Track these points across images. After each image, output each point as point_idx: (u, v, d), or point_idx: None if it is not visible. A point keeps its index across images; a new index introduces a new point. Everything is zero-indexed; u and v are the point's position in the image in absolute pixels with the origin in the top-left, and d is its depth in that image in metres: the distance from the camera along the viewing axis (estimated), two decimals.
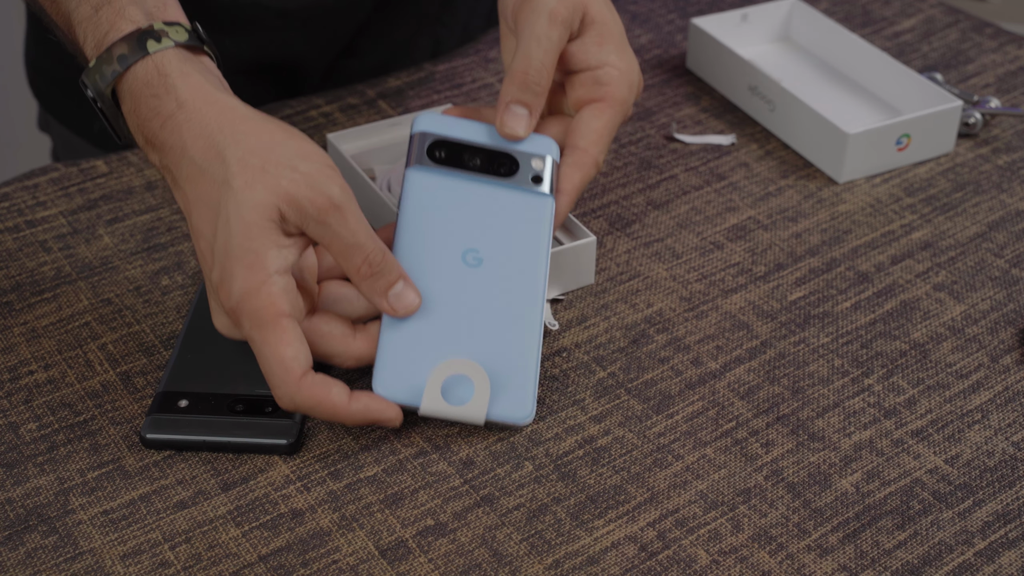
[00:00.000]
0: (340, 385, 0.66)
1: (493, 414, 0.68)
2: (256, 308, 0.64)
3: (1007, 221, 0.86)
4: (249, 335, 0.65)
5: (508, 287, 0.71)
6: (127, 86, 0.68)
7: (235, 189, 0.64)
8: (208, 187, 0.66)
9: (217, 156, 0.65)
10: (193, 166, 0.66)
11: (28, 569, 0.62)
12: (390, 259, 0.67)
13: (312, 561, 0.63)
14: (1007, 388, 0.74)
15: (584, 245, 0.78)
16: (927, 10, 1.10)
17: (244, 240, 0.64)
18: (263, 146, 0.66)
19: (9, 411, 0.71)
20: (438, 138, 0.75)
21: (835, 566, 0.63)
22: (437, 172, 0.74)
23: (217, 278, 0.65)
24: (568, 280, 0.79)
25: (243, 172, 0.65)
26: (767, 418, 0.71)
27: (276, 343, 0.64)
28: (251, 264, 0.64)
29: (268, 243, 0.64)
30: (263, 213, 0.64)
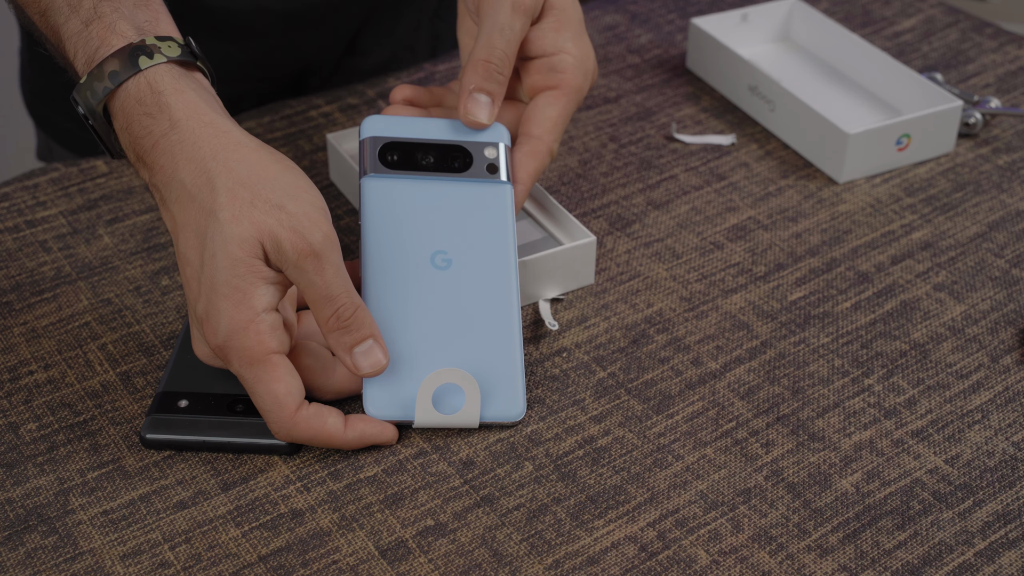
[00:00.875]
0: (335, 414, 0.67)
1: (486, 416, 0.69)
2: (245, 347, 0.64)
3: (1007, 221, 0.86)
4: (239, 372, 0.65)
5: (481, 285, 0.71)
6: (119, 103, 0.67)
7: (222, 221, 0.63)
8: (196, 214, 0.64)
9: (207, 183, 0.64)
10: (183, 190, 0.65)
11: (28, 569, 0.62)
12: (362, 316, 0.66)
13: (312, 561, 0.63)
14: (1007, 388, 0.74)
15: (584, 245, 0.78)
16: (927, 10, 1.10)
17: (231, 276, 0.63)
18: (254, 178, 0.64)
19: (9, 411, 0.71)
20: (388, 141, 0.75)
21: (835, 566, 0.63)
22: (392, 177, 0.74)
23: (203, 312, 0.64)
24: (568, 280, 0.79)
25: (231, 204, 0.63)
26: (767, 418, 0.71)
27: (269, 381, 0.64)
28: (238, 302, 0.63)
29: (255, 280, 0.64)
30: (248, 249, 0.63)
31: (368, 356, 0.66)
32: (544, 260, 0.77)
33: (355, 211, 0.86)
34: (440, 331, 0.70)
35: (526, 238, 0.81)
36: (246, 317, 0.63)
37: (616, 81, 1.00)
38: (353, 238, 0.83)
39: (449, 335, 0.70)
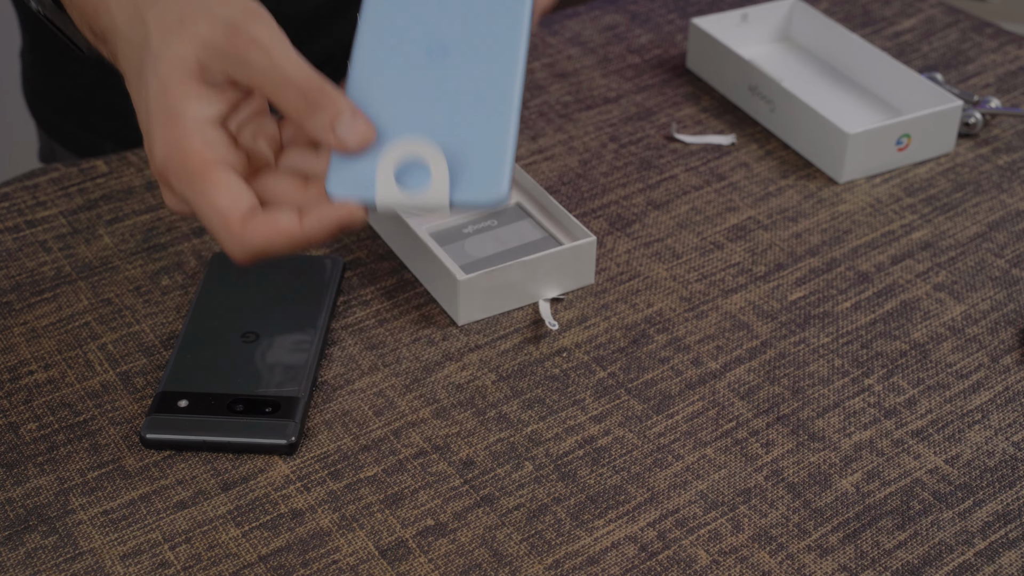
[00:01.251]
0: (287, 210, 0.60)
1: (460, 197, 0.59)
2: (180, 163, 0.59)
3: (1007, 221, 0.86)
4: (182, 195, 0.59)
5: (478, 72, 0.63)
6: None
7: (153, 49, 0.59)
8: (135, 56, 0.61)
9: (139, 20, 0.61)
10: (123, 40, 0.61)
11: (28, 569, 0.62)
12: (330, 90, 0.59)
13: (312, 561, 0.63)
14: (1007, 388, 0.74)
15: (584, 245, 0.78)
16: (927, 10, 1.10)
17: (161, 98, 0.59)
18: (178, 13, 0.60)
19: (9, 411, 0.71)
20: None
21: (835, 566, 0.63)
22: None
23: (145, 144, 0.61)
24: (568, 280, 0.79)
25: (159, 29, 0.59)
26: (767, 418, 0.71)
27: (209, 193, 0.58)
28: (168, 120, 0.59)
29: (186, 95, 0.59)
30: (180, 66, 0.59)
31: (352, 128, 0.59)
32: (544, 260, 0.77)
33: None
34: (421, 110, 0.62)
35: (526, 238, 0.81)
36: (177, 133, 0.59)
37: (616, 81, 1.00)
38: (345, 243, 0.83)
39: (431, 113, 0.61)
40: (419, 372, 0.74)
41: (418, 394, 0.72)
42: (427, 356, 0.75)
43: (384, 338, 0.76)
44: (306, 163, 0.62)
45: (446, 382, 0.73)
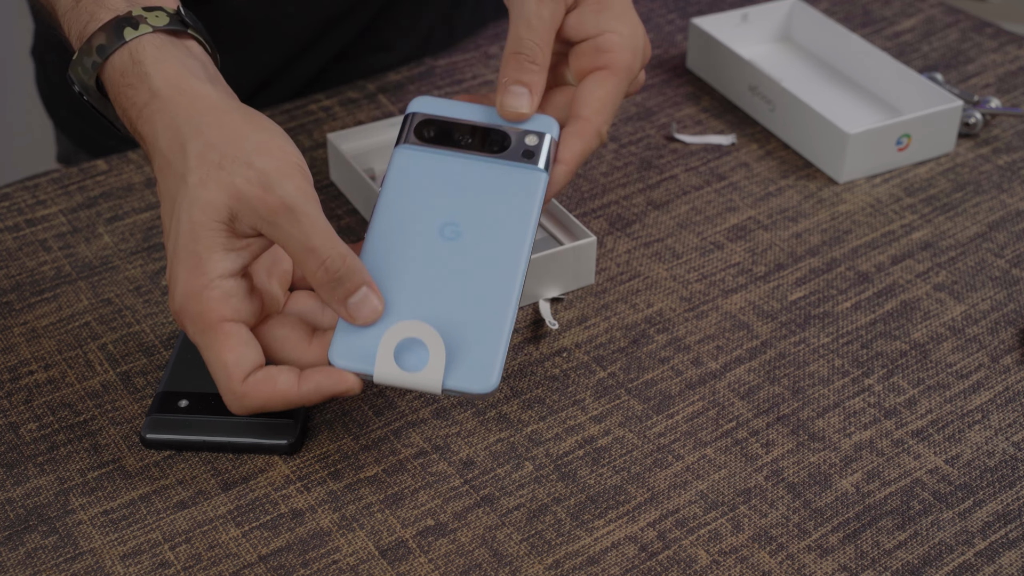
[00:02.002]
0: (286, 371, 0.63)
1: (452, 383, 0.63)
2: (197, 312, 0.62)
3: (1007, 221, 0.86)
4: (194, 339, 0.63)
5: (485, 258, 0.66)
6: (107, 77, 0.67)
7: (190, 186, 0.62)
8: (171, 181, 0.64)
9: (180, 149, 0.63)
10: (162, 158, 0.64)
11: (28, 569, 0.62)
12: (352, 264, 0.63)
13: (312, 561, 0.63)
14: (1007, 388, 0.74)
15: (584, 245, 0.78)
16: (927, 10, 1.10)
17: (189, 242, 0.62)
18: (224, 140, 0.63)
19: (9, 411, 0.71)
20: (429, 117, 0.72)
21: (835, 566, 0.63)
22: (425, 150, 0.70)
23: (167, 278, 0.64)
24: (568, 280, 0.79)
25: (200, 167, 0.62)
26: (767, 418, 0.71)
27: (219, 349, 0.62)
28: (193, 267, 0.62)
29: (214, 246, 0.62)
30: (212, 214, 0.62)
31: (363, 305, 0.63)
32: (544, 260, 0.77)
33: (355, 211, 0.86)
34: (427, 293, 0.65)
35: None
36: (200, 283, 0.62)
37: None
38: (353, 238, 0.83)
39: (435, 298, 0.65)
40: None
41: (418, 394, 0.72)
42: None
43: None
44: (312, 315, 0.66)
45: None
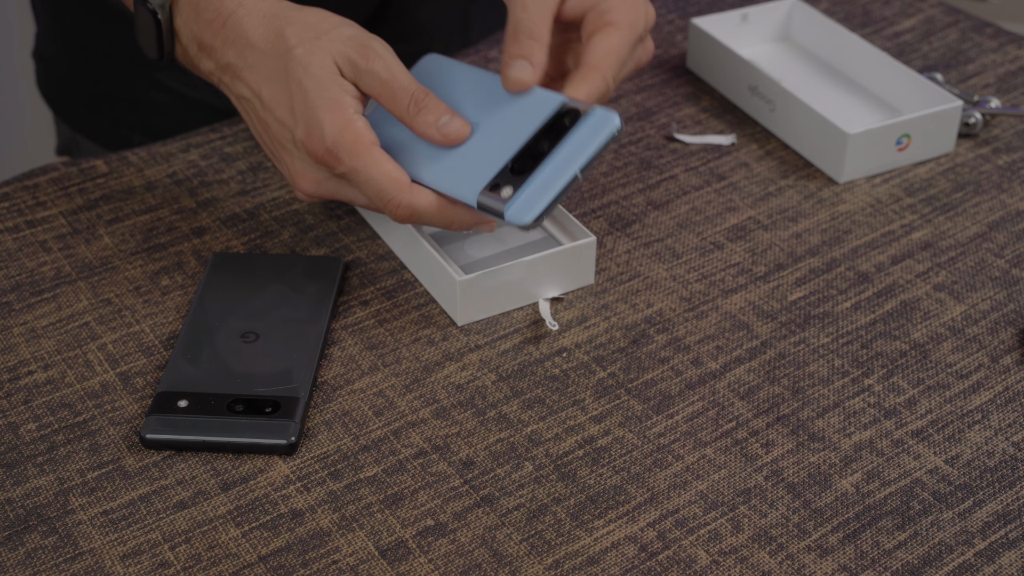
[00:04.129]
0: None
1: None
2: (352, 140, 0.71)
3: (1007, 221, 0.86)
4: (351, 167, 0.71)
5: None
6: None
7: (298, 56, 0.72)
8: (275, 63, 0.73)
9: (278, 36, 0.73)
10: (257, 52, 0.74)
11: (28, 569, 0.62)
12: (434, 97, 0.73)
13: (312, 561, 0.63)
14: (1007, 388, 0.74)
15: (584, 245, 0.78)
16: (927, 10, 1.10)
17: (322, 91, 0.72)
18: (314, 21, 0.74)
19: (9, 411, 0.71)
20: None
21: (835, 566, 0.63)
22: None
23: (304, 132, 0.72)
24: (568, 280, 0.79)
25: (301, 43, 0.73)
26: (767, 418, 0.71)
27: (380, 162, 0.71)
28: (334, 107, 0.71)
29: (344, 91, 0.72)
30: (328, 68, 0.72)
31: (451, 126, 0.73)
32: (544, 260, 0.77)
33: (354, 211, 0.86)
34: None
35: (526, 238, 0.81)
36: (346, 116, 0.71)
37: None
38: (354, 238, 0.83)
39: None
40: (419, 372, 0.74)
41: (418, 394, 0.72)
42: (427, 356, 0.75)
43: (384, 338, 0.76)
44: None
45: (446, 382, 0.73)
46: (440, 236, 0.81)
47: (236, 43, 0.74)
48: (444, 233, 0.81)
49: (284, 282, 0.78)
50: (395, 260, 0.82)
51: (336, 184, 0.74)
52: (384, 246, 0.83)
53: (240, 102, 0.77)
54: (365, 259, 0.82)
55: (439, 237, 0.81)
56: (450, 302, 0.76)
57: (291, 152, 0.74)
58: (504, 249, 0.80)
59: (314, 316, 0.75)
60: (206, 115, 1.01)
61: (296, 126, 0.73)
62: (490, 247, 0.80)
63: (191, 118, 1.02)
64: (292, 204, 0.86)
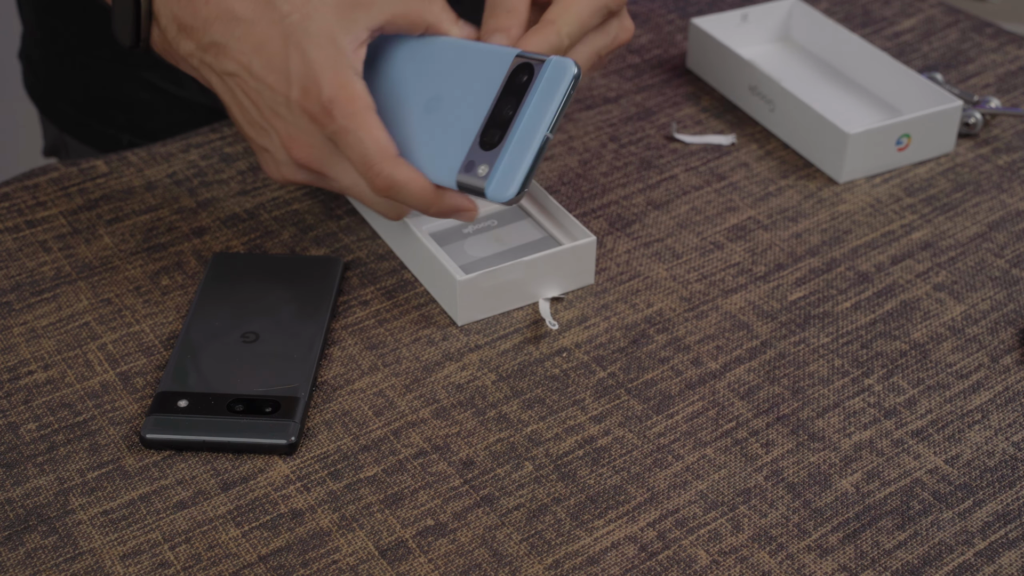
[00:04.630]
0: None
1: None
2: (348, 97, 0.69)
3: (1007, 221, 0.86)
4: (343, 125, 0.69)
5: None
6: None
7: (295, 22, 0.70)
8: (265, 30, 0.71)
9: (267, 5, 0.71)
10: (244, 24, 0.72)
11: (28, 569, 0.62)
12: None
13: (312, 561, 0.63)
14: (1007, 388, 0.74)
15: (584, 245, 0.78)
16: (927, 10, 1.10)
17: (320, 50, 0.70)
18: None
19: (9, 411, 0.71)
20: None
21: (835, 566, 0.63)
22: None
23: (299, 91, 0.70)
24: (568, 280, 0.79)
25: (294, 9, 0.71)
26: (767, 418, 0.71)
27: (371, 126, 0.69)
28: (334, 65, 0.70)
29: (340, 51, 0.70)
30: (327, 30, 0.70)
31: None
32: (544, 260, 0.77)
33: (354, 211, 0.86)
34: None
35: (526, 238, 0.81)
36: (347, 75, 0.70)
37: (616, 81, 1.00)
38: (354, 237, 0.83)
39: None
40: (419, 372, 0.74)
41: (418, 394, 0.72)
42: (427, 356, 0.75)
43: (384, 338, 0.76)
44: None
45: (446, 382, 0.73)
46: (440, 236, 0.81)
47: (221, 18, 0.72)
48: (444, 233, 0.81)
49: (284, 282, 0.78)
50: (395, 260, 0.82)
51: (328, 153, 0.72)
52: (384, 246, 0.83)
53: (224, 80, 0.74)
54: (365, 259, 0.82)
55: (439, 237, 0.81)
56: (450, 302, 0.76)
57: (284, 117, 0.72)
58: (504, 249, 0.80)
59: (314, 316, 0.75)
60: (195, 114, 1.01)
61: (291, 87, 0.71)
62: (490, 247, 0.80)
63: (180, 118, 1.02)
64: (292, 204, 0.86)
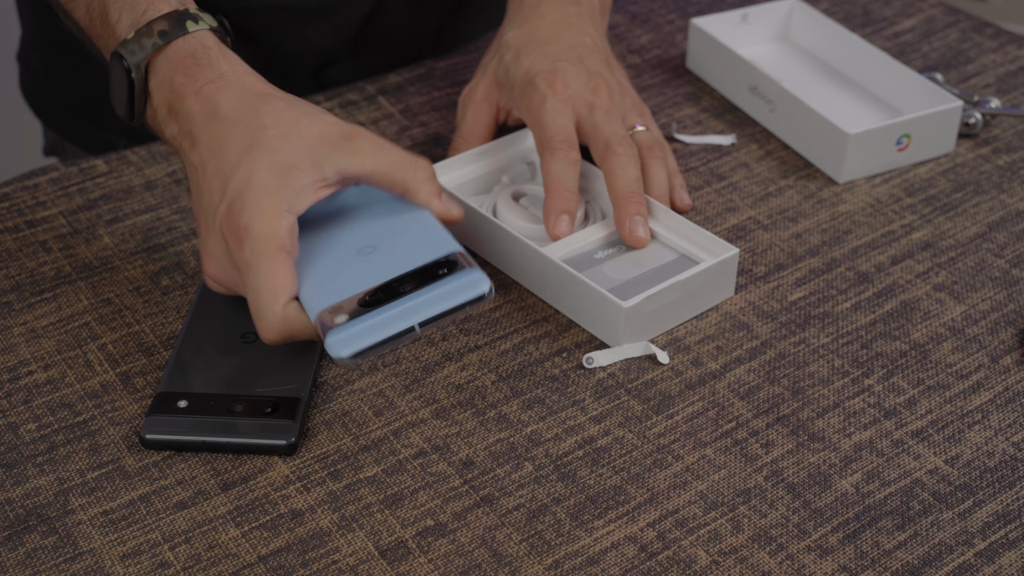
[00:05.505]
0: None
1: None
2: (264, 233, 0.67)
3: (1007, 221, 0.86)
4: (247, 259, 0.67)
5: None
6: (164, 58, 0.73)
7: (270, 137, 0.69)
8: (236, 135, 0.69)
9: (252, 110, 0.70)
10: (221, 122, 0.70)
11: (28, 569, 0.62)
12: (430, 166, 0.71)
13: (312, 561, 0.63)
14: (1007, 388, 0.74)
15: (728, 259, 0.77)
16: (927, 10, 1.10)
17: (276, 174, 0.68)
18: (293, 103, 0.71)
19: (9, 411, 0.71)
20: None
21: (835, 567, 0.63)
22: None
23: (225, 209, 0.68)
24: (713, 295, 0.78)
25: (278, 124, 0.69)
26: (767, 418, 0.71)
27: (275, 270, 0.67)
28: (273, 194, 0.67)
29: (298, 181, 0.68)
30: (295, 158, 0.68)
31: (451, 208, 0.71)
32: (696, 278, 0.75)
33: None
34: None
35: (663, 258, 0.79)
36: (277, 208, 0.67)
37: None
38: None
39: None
40: (419, 372, 0.74)
41: (418, 394, 0.72)
42: (427, 356, 0.75)
43: None
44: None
45: (446, 382, 0.73)
46: (573, 263, 0.78)
47: (203, 111, 0.71)
48: (576, 259, 0.79)
49: None
50: None
51: (236, 278, 0.70)
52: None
53: (191, 172, 0.72)
54: None
55: (573, 264, 0.78)
56: (608, 328, 0.75)
57: (209, 228, 0.70)
58: (644, 271, 0.78)
59: None
60: None
61: (222, 201, 0.68)
62: (630, 270, 0.78)
63: None
64: None
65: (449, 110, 0.96)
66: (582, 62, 0.85)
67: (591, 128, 0.82)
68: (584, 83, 0.84)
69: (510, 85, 0.86)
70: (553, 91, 0.83)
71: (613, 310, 0.74)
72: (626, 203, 0.80)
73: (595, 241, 0.80)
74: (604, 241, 0.80)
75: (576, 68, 0.84)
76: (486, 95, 0.88)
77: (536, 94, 0.83)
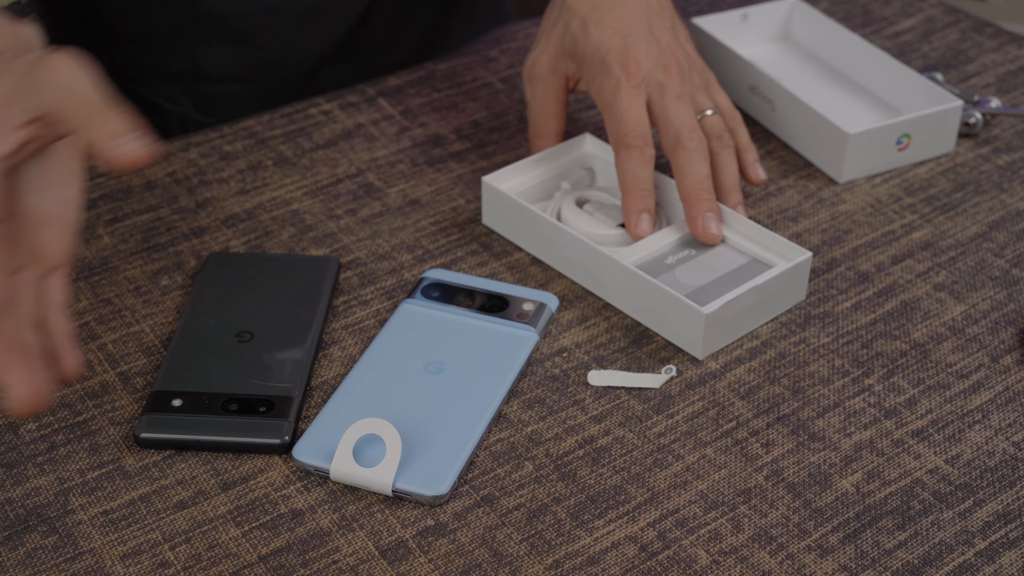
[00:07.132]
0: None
1: (402, 482, 0.65)
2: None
3: (1007, 221, 0.86)
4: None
5: (461, 391, 0.71)
6: None
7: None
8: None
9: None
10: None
11: (28, 569, 0.62)
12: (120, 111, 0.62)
13: (312, 561, 0.63)
14: (1007, 388, 0.74)
15: (802, 263, 0.76)
16: (927, 10, 1.10)
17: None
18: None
19: None
20: (438, 281, 0.78)
21: (835, 566, 0.63)
22: (428, 305, 0.76)
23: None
24: (787, 298, 0.77)
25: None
26: (767, 418, 0.71)
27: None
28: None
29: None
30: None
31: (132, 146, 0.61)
32: (772, 282, 0.75)
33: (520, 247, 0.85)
34: (403, 408, 0.70)
35: (735, 263, 0.79)
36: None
37: None
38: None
39: (409, 411, 0.69)
40: None
41: None
42: None
43: None
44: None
45: None
46: (647, 268, 0.78)
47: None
48: (648, 265, 0.79)
49: (278, 282, 0.78)
50: (395, 260, 0.81)
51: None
52: (383, 246, 0.83)
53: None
54: (365, 259, 0.82)
55: (647, 270, 0.78)
56: (687, 335, 0.74)
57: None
58: (717, 276, 0.78)
59: (308, 315, 0.75)
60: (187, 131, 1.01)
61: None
62: (703, 275, 0.78)
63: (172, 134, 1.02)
64: (291, 204, 0.86)
65: (449, 111, 0.96)
66: (651, 33, 0.82)
67: (661, 113, 0.81)
68: (655, 60, 0.81)
69: (579, 57, 0.83)
70: (627, 75, 0.80)
71: (693, 316, 0.73)
72: (696, 200, 0.79)
73: (665, 246, 0.80)
74: (674, 245, 0.80)
75: (647, 43, 0.81)
76: (552, 67, 0.85)
77: (610, 78, 0.81)
